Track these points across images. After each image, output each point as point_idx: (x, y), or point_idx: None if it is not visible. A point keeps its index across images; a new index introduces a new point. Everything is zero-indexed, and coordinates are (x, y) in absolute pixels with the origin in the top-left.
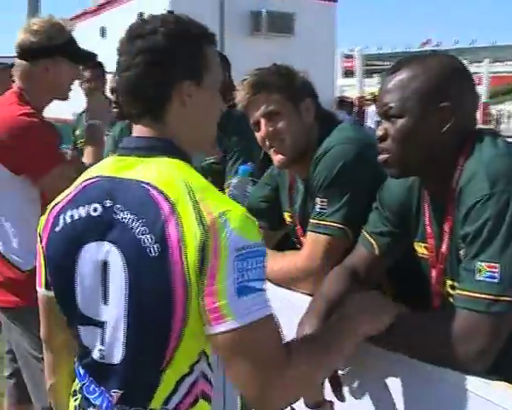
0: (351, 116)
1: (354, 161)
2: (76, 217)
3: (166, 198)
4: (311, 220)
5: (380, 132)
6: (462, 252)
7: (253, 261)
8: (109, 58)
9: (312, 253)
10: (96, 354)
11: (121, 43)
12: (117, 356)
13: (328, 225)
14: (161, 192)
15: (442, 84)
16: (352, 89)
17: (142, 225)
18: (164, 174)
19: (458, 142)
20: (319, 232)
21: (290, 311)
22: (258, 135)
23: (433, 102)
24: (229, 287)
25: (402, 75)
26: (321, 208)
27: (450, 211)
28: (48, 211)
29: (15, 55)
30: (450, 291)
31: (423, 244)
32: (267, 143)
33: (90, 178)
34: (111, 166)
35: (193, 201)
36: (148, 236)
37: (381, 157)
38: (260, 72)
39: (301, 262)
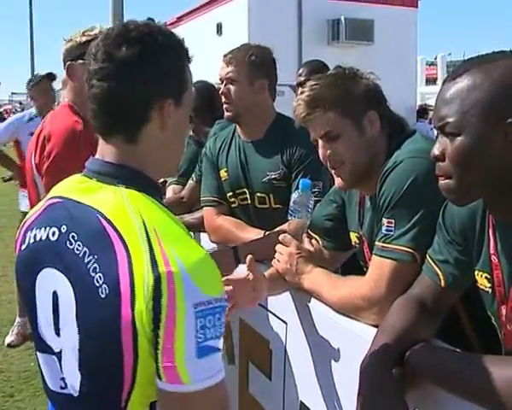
0: (432, 125)
1: (425, 176)
2: (38, 238)
3: (120, 235)
4: (377, 243)
5: (436, 151)
6: None
7: (213, 318)
8: None
9: (377, 280)
10: (55, 385)
11: (97, 47)
12: (75, 388)
13: (395, 249)
14: (115, 228)
15: (509, 94)
16: (435, 97)
17: (94, 262)
18: (120, 207)
19: None
20: (384, 257)
21: (352, 342)
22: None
23: (499, 118)
24: (187, 347)
25: (462, 83)
26: (387, 230)
27: None
28: (21, 225)
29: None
30: None
31: (484, 274)
32: (329, 165)
33: (55, 197)
34: (73, 187)
35: (148, 242)
36: (100, 275)
37: (441, 182)
38: (315, 86)
39: (364, 290)
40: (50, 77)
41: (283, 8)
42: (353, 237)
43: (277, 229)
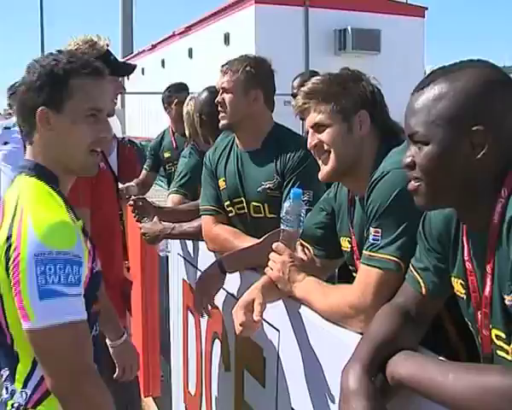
0: None
1: None
2: None
3: (3, 210)
4: (364, 252)
5: (406, 160)
6: (508, 300)
7: (54, 267)
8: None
9: (364, 288)
10: None
11: None
12: None
13: (381, 257)
14: (4, 204)
15: (475, 102)
16: None
17: None
18: (13, 189)
19: (499, 169)
20: (371, 265)
21: (343, 351)
22: None
23: (464, 126)
24: (29, 289)
25: (429, 93)
26: (374, 239)
27: (493, 248)
28: None
29: None
30: (496, 341)
31: (459, 280)
32: (315, 154)
33: None
34: None
35: (14, 213)
36: None
37: (411, 185)
38: (317, 80)
39: (352, 298)
40: None
41: (290, 18)
42: (344, 242)
43: (262, 239)
